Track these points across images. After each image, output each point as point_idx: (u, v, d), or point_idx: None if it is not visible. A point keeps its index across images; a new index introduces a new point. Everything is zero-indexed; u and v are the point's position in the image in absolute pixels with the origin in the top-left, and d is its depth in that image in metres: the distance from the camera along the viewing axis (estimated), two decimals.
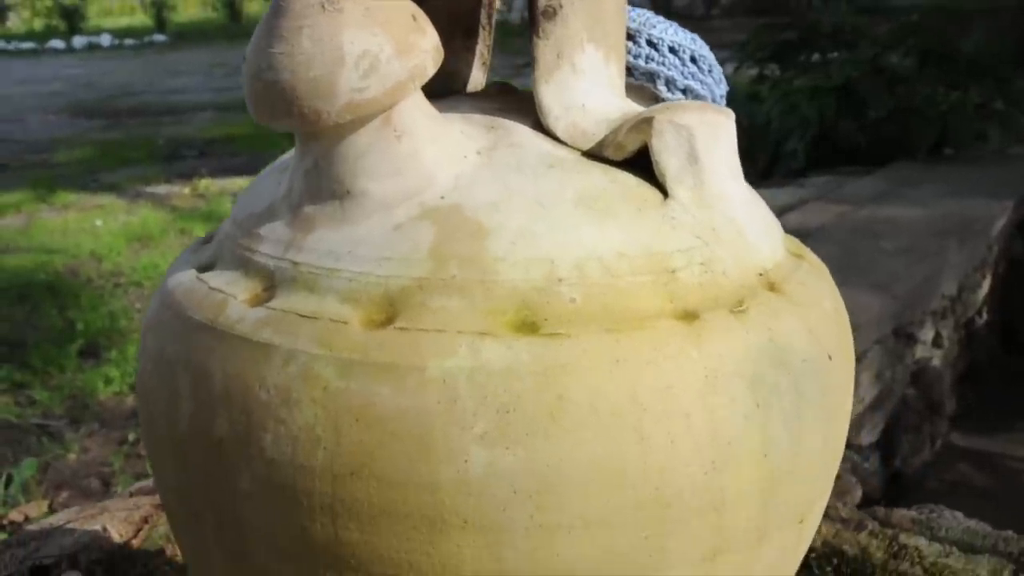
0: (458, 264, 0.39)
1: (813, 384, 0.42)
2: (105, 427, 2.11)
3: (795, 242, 0.49)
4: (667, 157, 0.42)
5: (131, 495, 1.03)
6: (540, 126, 0.44)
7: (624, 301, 0.39)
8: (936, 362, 2.31)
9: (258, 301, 0.41)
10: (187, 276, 0.45)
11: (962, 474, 2.02)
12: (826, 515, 0.89)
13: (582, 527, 0.37)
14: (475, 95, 0.50)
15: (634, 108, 0.45)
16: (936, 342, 2.30)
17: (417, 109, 0.41)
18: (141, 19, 11.97)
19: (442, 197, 0.40)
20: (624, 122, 0.43)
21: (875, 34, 2.89)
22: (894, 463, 2.02)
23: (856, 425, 1.91)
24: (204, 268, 0.45)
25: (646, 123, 0.42)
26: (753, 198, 0.46)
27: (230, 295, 0.42)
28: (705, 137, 0.42)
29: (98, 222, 3.28)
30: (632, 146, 0.42)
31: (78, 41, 9.81)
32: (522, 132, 0.44)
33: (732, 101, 0.53)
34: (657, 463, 0.37)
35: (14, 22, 12.12)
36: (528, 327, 0.38)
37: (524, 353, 0.37)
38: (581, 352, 0.37)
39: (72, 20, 11.08)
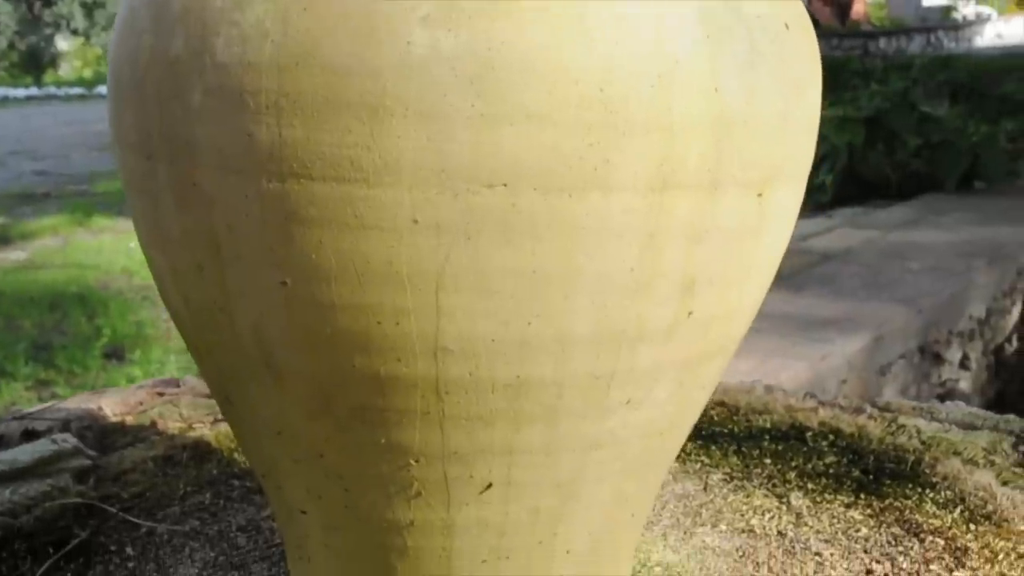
0: None
1: (769, 45, 0.42)
2: None
3: None
4: None
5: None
6: None
7: None
8: (964, 385, 2.26)
9: None
10: None
11: None
12: (823, 403, 0.87)
13: (524, 120, 0.37)
14: None
15: None
16: (963, 364, 2.26)
17: None
18: None
19: None
20: None
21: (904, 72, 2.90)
22: None
23: None
24: None
25: None
26: None
27: None
28: None
29: (132, 244, 3.33)
30: None
31: None
32: None
33: None
34: (601, 60, 0.37)
35: (65, 70, 12.65)
36: None
37: None
38: None
39: None
